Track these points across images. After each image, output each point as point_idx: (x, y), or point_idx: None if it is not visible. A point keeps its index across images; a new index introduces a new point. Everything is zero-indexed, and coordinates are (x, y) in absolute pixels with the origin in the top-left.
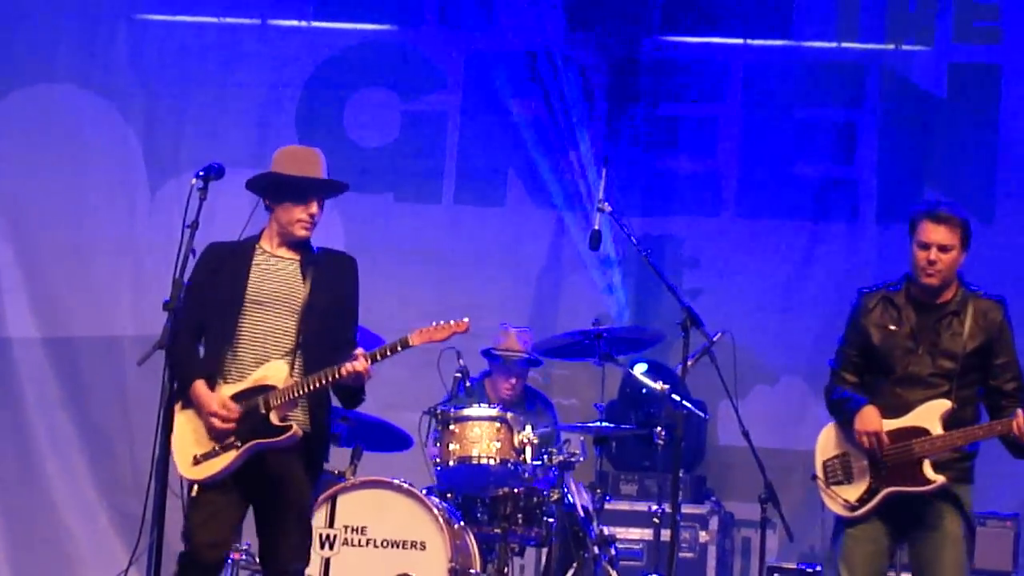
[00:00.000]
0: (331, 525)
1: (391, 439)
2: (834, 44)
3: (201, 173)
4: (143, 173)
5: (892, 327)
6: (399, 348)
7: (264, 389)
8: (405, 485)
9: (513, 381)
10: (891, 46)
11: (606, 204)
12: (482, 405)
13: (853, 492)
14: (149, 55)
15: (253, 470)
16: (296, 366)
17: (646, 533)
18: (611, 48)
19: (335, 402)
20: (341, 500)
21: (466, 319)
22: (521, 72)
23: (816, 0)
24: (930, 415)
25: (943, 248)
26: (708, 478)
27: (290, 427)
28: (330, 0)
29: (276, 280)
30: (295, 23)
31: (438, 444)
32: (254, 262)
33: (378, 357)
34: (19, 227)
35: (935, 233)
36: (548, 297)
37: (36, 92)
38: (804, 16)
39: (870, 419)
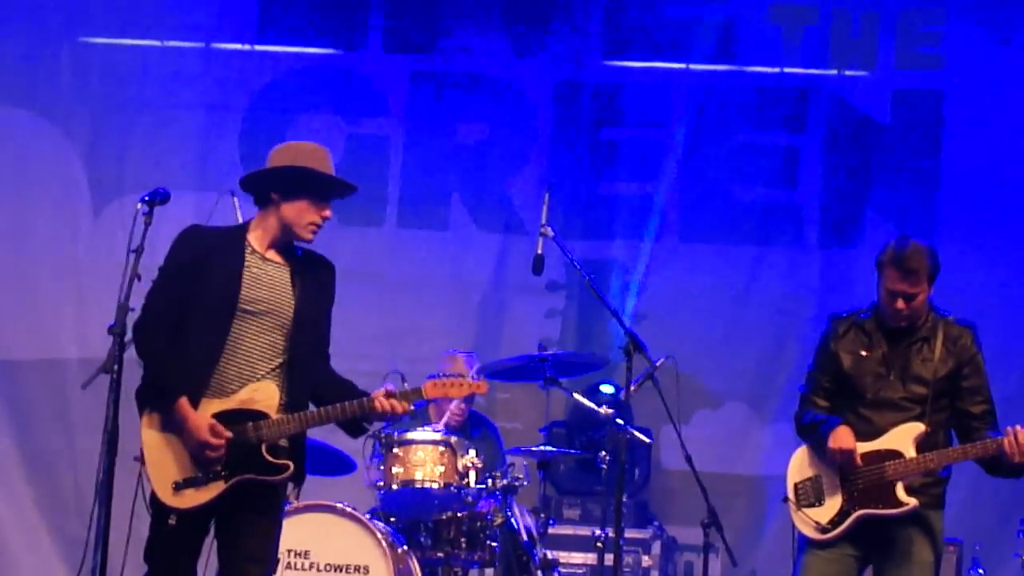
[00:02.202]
0: None
1: (334, 463)
2: (777, 69)
3: (146, 198)
4: (86, 195)
5: (863, 352)
6: (412, 398)
7: (253, 414)
8: (348, 509)
9: (464, 406)
10: (834, 71)
11: (548, 229)
12: (426, 429)
13: (825, 514)
14: (92, 78)
15: (230, 492)
16: (283, 386)
17: (589, 557)
18: (554, 73)
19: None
20: (284, 524)
21: (484, 380)
22: (464, 96)
23: (759, 25)
24: (903, 438)
25: (910, 296)
26: (651, 503)
27: (287, 466)
28: (273, 24)
29: (268, 288)
30: (238, 47)
31: (382, 468)
32: (246, 264)
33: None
34: None
35: (902, 285)
36: (491, 322)
37: None
38: (747, 41)
39: (843, 437)
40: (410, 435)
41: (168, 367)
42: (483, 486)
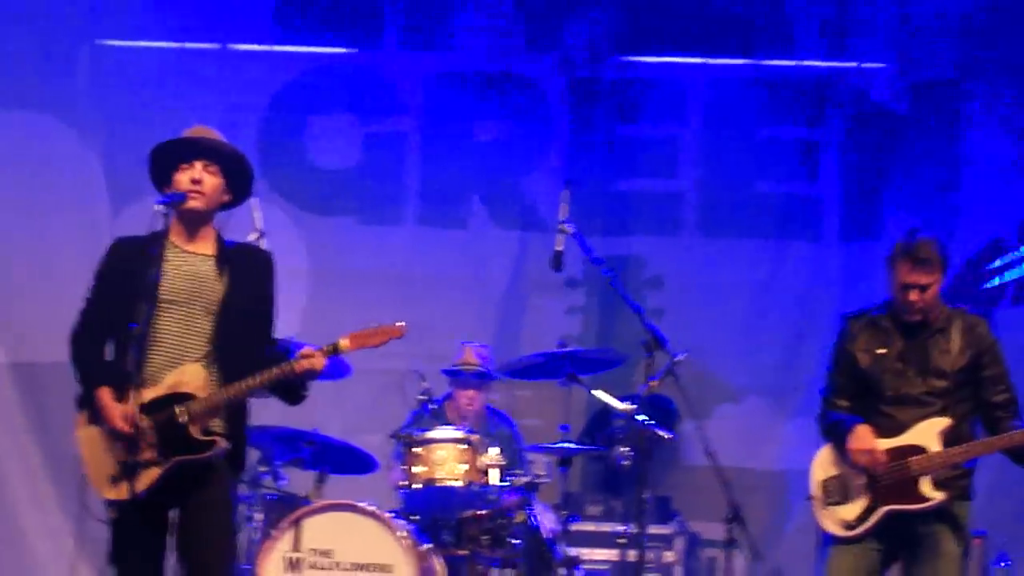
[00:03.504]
0: (297, 549)
1: (356, 462)
2: (794, 62)
3: (165, 200)
4: (105, 198)
5: (880, 350)
6: (331, 353)
7: (181, 397)
8: (371, 508)
9: (471, 394)
10: (852, 64)
11: (568, 225)
12: (446, 427)
13: (851, 511)
14: (110, 80)
15: (172, 479)
16: (213, 370)
17: (612, 554)
18: (572, 69)
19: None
20: (307, 524)
21: (401, 323)
22: (482, 94)
23: (776, 18)
24: (929, 433)
25: (923, 288)
26: (673, 498)
27: (214, 442)
28: (290, 24)
29: (191, 278)
30: (255, 47)
31: (403, 467)
32: (166, 258)
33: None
34: None
35: (914, 275)
36: (511, 319)
37: None
38: (764, 35)
39: (863, 437)
40: (431, 434)
41: (90, 365)
42: (505, 484)
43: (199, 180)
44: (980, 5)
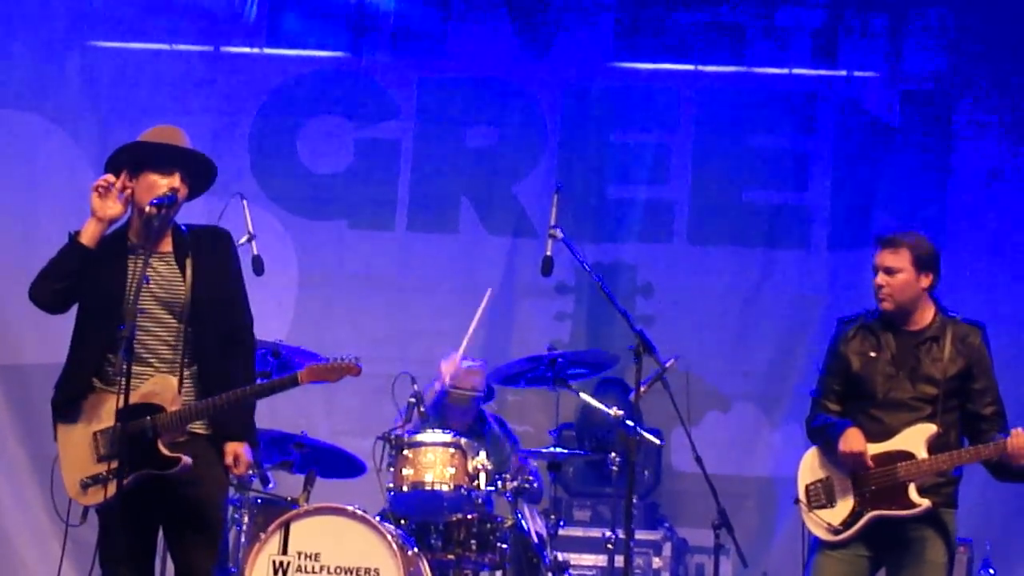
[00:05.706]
0: (284, 552)
1: (345, 465)
2: (786, 71)
3: (155, 202)
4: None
5: (872, 354)
6: (288, 385)
7: (151, 408)
8: (359, 511)
9: (465, 410)
10: (843, 72)
11: (558, 231)
12: (436, 431)
13: (837, 516)
14: (102, 82)
15: (158, 481)
16: (187, 378)
17: (600, 559)
18: (563, 75)
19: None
20: (294, 527)
21: (358, 363)
22: (473, 99)
23: (767, 26)
24: (915, 439)
25: (889, 271)
26: (661, 504)
27: (179, 460)
28: (283, 27)
29: (154, 282)
30: (248, 50)
31: (391, 469)
32: (128, 263)
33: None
34: None
35: (879, 256)
36: (501, 324)
37: None
38: (756, 42)
39: (854, 439)
40: (420, 437)
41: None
42: (493, 488)
43: (177, 189)
44: (968, 14)
